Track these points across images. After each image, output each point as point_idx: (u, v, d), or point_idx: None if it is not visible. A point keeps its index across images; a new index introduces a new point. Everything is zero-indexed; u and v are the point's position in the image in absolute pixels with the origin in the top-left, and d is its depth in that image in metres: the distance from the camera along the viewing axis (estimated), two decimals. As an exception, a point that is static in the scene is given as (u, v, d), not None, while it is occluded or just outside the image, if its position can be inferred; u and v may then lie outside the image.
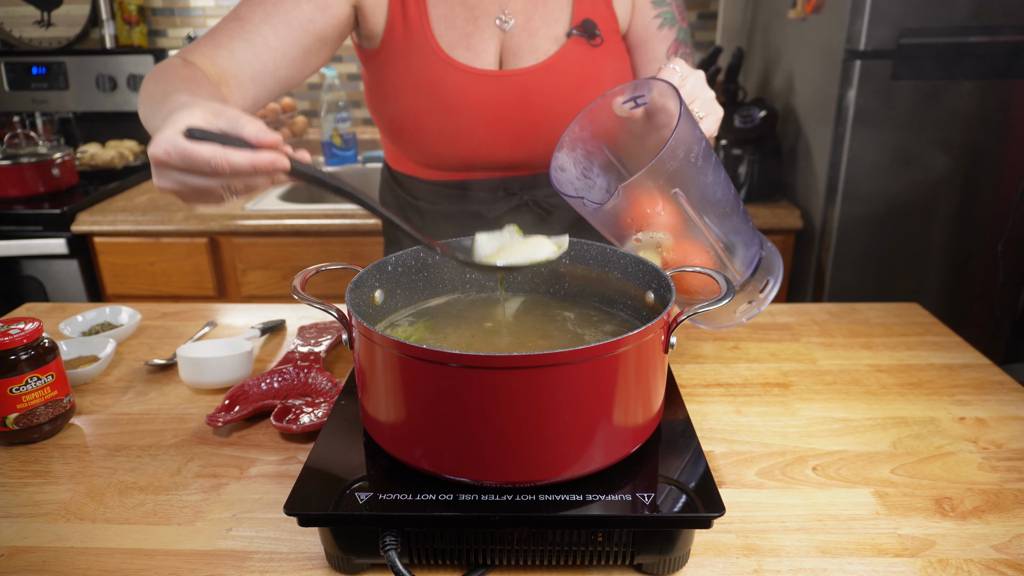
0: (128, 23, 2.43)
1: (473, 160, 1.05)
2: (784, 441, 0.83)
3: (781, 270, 0.85)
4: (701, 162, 0.73)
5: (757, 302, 0.85)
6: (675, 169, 0.71)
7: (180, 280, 1.94)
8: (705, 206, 0.77)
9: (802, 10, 1.82)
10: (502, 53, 1.01)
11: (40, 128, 2.36)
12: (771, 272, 0.85)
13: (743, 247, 0.83)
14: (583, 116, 0.82)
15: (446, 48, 0.99)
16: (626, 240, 0.80)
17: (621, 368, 0.59)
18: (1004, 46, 1.57)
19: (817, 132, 1.78)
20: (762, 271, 0.85)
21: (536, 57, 1.00)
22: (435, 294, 0.83)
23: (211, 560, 0.65)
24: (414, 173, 1.11)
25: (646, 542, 0.61)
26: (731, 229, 0.81)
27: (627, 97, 0.80)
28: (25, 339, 0.80)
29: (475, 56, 1.00)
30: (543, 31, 1.00)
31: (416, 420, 0.60)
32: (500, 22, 0.99)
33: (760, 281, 0.84)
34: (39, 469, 0.79)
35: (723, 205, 0.79)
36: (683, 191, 0.73)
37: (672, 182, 0.72)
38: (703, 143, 0.74)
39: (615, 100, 0.81)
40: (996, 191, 1.68)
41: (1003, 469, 0.77)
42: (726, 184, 0.79)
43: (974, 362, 1.00)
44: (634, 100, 0.79)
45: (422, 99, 1.00)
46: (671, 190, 0.73)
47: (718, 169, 0.77)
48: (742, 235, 0.82)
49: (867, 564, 0.64)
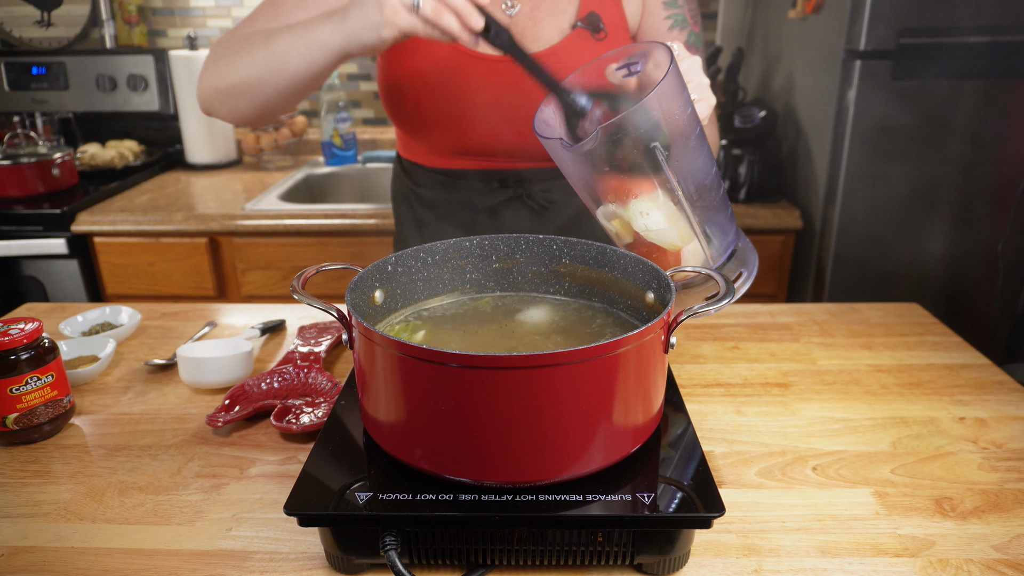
0: (128, 23, 2.43)
1: (469, 145, 1.05)
2: (784, 441, 0.83)
3: (756, 267, 0.84)
4: (685, 125, 0.72)
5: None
6: (657, 122, 0.70)
7: (180, 280, 1.94)
8: (684, 173, 0.75)
9: (802, 10, 1.82)
10: None
11: (40, 128, 2.36)
12: (745, 265, 0.83)
13: (720, 233, 0.81)
14: (575, 76, 0.80)
15: None
16: (601, 201, 0.78)
17: (621, 368, 0.59)
18: (1004, 46, 1.57)
19: (817, 132, 1.78)
20: (736, 261, 0.83)
21: (539, 45, 1.01)
22: (435, 294, 0.83)
23: (211, 560, 0.65)
24: (418, 160, 1.14)
25: (646, 542, 0.61)
26: (709, 207, 0.79)
27: (621, 64, 0.78)
28: (25, 339, 0.80)
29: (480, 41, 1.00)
30: (548, 20, 1.01)
31: (416, 420, 0.60)
32: (506, 7, 1.00)
33: (733, 271, 0.82)
34: (39, 469, 0.79)
35: (702, 178, 0.77)
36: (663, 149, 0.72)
37: (653, 136, 0.71)
38: (690, 110, 0.73)
39: (608, 66, 0.79)
40: (996, 192, 1.68)
41: (1003, 469, 0.77)
42: (708, 159, 0.77)
43: (974, 362, 1.00)
44: (628, 68, 0.78)
45: (422, 81, 1.01)
46: (650, 144, 0.71)
47: (701, 142, 0.75)
48: (719, 219, 0.80)
49: (867, 564, 0.64)
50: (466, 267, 0.83)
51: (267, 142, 2.36)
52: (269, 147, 2.36)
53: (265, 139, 2.37)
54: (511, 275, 0.84)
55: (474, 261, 0.82)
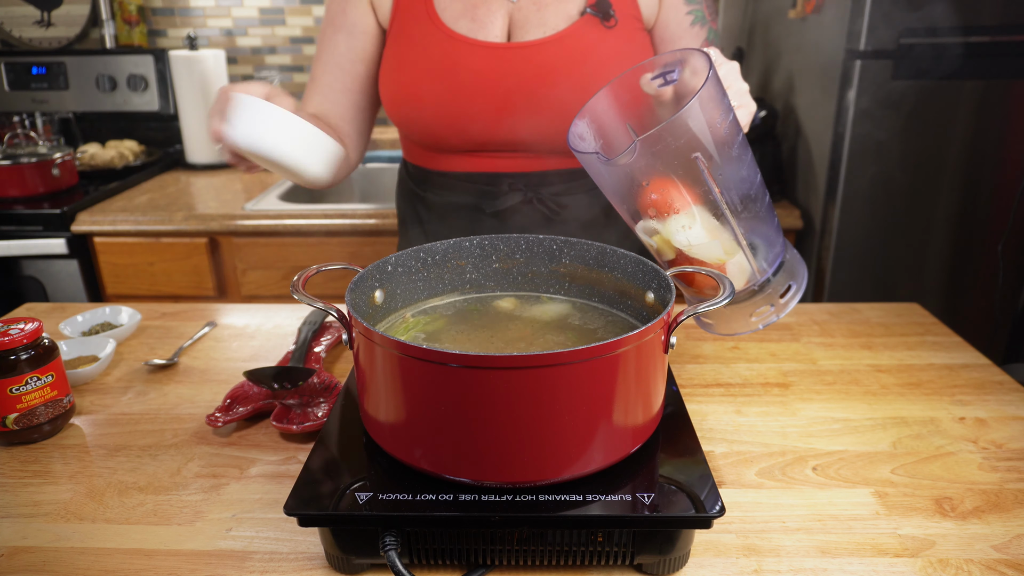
0: (128, 23, 2.43)
1: (474, 137, 1.03)
2: (784, 441, 0.83)
3: (805, 279, 0.80)
4: (726, 133, 0.69)
5: (777, 307, 0.79)
6: (698, 131, 0.66)
7: (180, 280, 1.94)
8: (727, 184, 0.71)
9: (802, 10, 1.82)
10: (510, 27, 1.00)
11: (40, 128, 2.36)
12: (794, 277, 0.80)
13: (766, 244, 0.77)
14: (609, 87, 0.76)
15: (448, 21, 0.99)
16: (640, 216, 0.75)
17: (621, 368, 0.59)
18: (1004, 46, 1.57)
19: (817, 132, 1.78)
20: (784, 274, 0.79)
21: (545, 31, 0.99)
22: (435, 294, 0.83)
23: (211, 560, 0.65)
24: (423, 163, 1.12)
25: (646, 542, 0.61)
26: (754, 218, 0.75)
27: (656, 72, 0.75)
28: (25, 339, 0.80)
29: (481, 28, 0.99)
30: (554, 6, 0.99)
31: (416, 420, 0.60)
32: None
33: (781, 285, 0.79)
34: (39, 469, 0.79)
35: (747, 188, 0.73)
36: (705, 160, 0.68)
37: (694, 146, 0.67)
38: (731, 117, 0.69)
39: (643, 76, 0.75)
40: (996, 191, 1.68)
41: (1003, 469, 0.77)
42: (752, 168, 0.73)
43: (974, 362, 1.00)
44: (663, 77, 0.75)
45: (421, 73, 1.00)
46: (691, 154, 0.67)
47: (744, 149, 0.72)
48: (766, 231, 0.77)
49: (867, 564, 0.64)
50: (466, 267, 0.83)
51: (267, 142, 2.36)
52: (269, 147, 2.36)
53: (265, 139, 2.36)
54: (511, 275, 0.84)
55: (474, 261, 0.82)
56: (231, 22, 2.47)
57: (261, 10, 2.45)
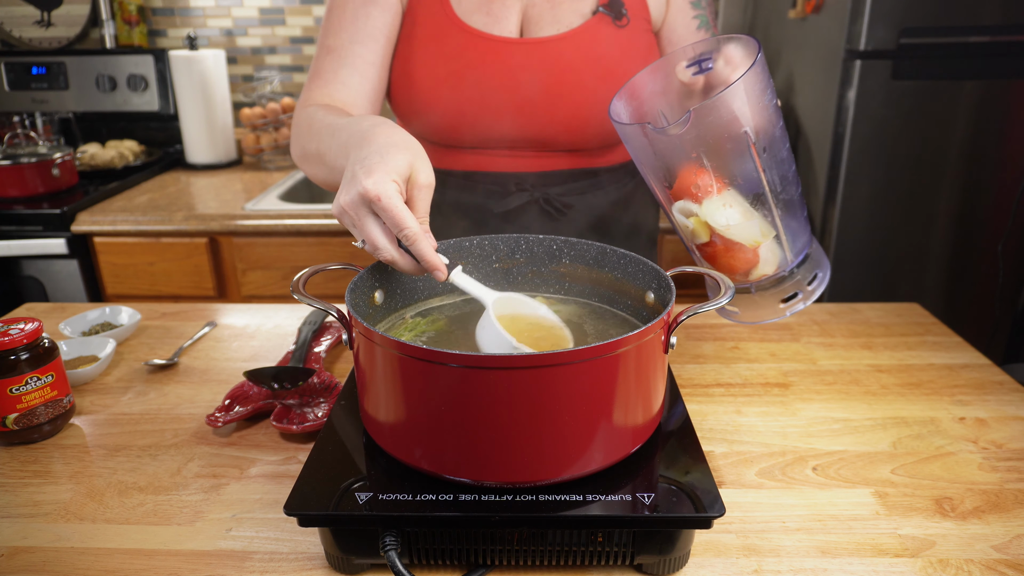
0: (128, 23, 2.43)
1: (485, 132, 1.02)
2: (784, 441, 0.83)
3: (828, 272, 0.82)
4: (772, 113, 0.71)
5: (804, 295, 0.81)
6: (750, 105, 0.69)
7: (180, 280, 1.94)
8: (769, 163, 0.73)
9: (802, 10, 1.82)
10: (524, 23, 1.00)
11: (40, 128, 2.36)
12: (820, 267, 0.82)
13: (792, 236, 0.79)
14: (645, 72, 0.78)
15: (463, 15, 0.99)
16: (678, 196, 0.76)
17: (621, 368, 0.58)
18: (1004, 46, 1.57)
19: (817, 132, 1.78)
20: (811, 263, 0.81)
21: (558, 28, 0.99)
22: (435, 294, 0.83)
23: (211, 560, 0.65)
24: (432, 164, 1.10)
25: (646, 542, 0.61)
26: (790, 202, 0.77)
27: (692, 59, 0.77)
28: (25, 339, 0.80)
29: (495, 22, 0.99)
30: (568, 3, 1.00)
31: (416, 420, 0.60)
32: None
33: (808, 273, 0.81)
34: (39, 469, 0.79)
35: (785, 170, 0.75)
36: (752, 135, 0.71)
37: (743, 121, 0.70)
38: (776, 100, 0.72)
39: (679, 64, 0.77)
40: (996, 191, 1.68)
41: (1003, 469, 0.77)
42: (790, 153, 0.76)
43: (974, 362, 1.00)
44: (699, 64, 0.77)
45: (434, 65, 1.00)
46: (740, 129, 0.70)
47: (784, 133, 0.75)
48: (797, 218, 0.79)
49: (867, 564, 0.64)
50: (466, 267, 0.82)
51: (267, 142, 2.36)
52: (269, 147, 2.36)
53: (265, 139, 2.36)
54: (511, 275, 0.84)
55: (474, 261, 0.82)
56: (231, 22, 2.47)
57: (261, 10, 2.45)
